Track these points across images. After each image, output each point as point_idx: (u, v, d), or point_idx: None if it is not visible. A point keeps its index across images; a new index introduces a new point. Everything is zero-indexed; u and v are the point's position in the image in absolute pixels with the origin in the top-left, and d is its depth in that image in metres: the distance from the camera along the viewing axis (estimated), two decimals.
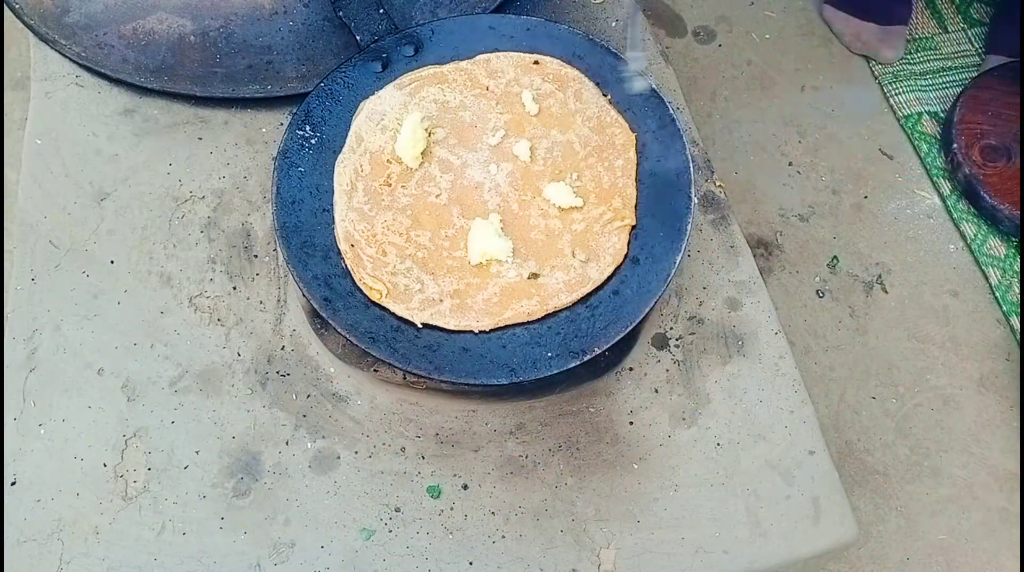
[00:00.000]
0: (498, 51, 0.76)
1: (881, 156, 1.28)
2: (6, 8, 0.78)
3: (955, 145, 1.22)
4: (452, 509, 0.66)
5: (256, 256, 0.73)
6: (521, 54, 0.75)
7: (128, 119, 0.77)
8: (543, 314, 0.66)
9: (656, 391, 0.71)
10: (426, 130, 0.71)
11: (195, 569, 0.62)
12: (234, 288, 0.72)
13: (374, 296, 0.65)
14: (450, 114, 0.73)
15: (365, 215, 0.68)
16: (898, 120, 1.30)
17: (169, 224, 0.73)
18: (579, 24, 0.86)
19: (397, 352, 0.63)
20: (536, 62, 0.75)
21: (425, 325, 0.65)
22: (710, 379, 0.72)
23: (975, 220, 1.22)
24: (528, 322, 0.66)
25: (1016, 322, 1.15)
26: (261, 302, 0.72)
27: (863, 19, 1.32)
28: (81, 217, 0.73)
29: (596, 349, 0.64)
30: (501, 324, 0.65)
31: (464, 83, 0.74)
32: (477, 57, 0.75)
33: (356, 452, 0.67)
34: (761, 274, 0.78)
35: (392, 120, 0.71)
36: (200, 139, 0.77)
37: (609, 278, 0.67)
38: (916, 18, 1.37)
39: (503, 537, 0.65)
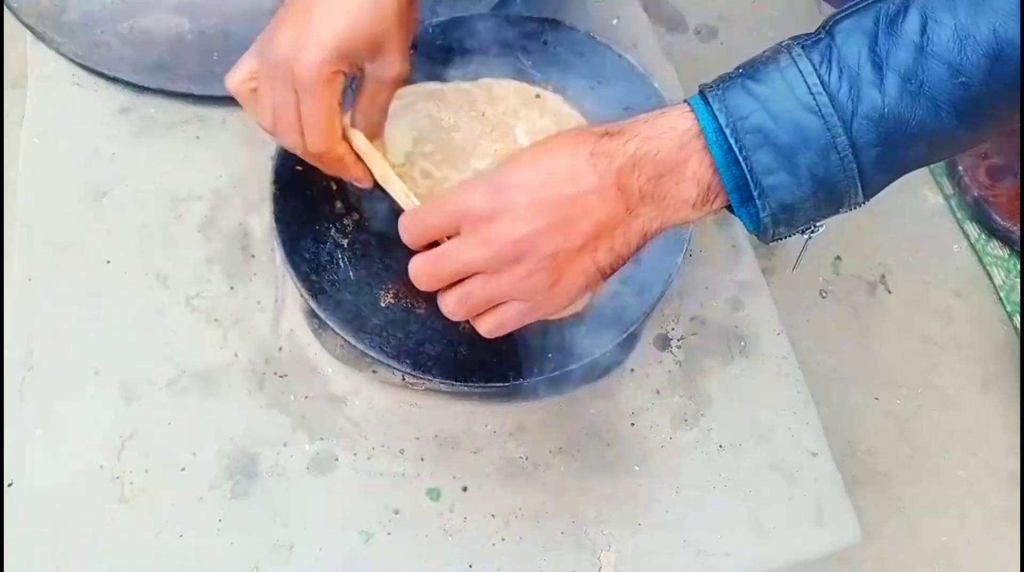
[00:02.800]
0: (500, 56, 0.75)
1: None
2: (4, 7, 0.78)
3: (960, 167, 1.20)
4: (452, 511, 0.65)
5: (254, 256, 0.73)
6: (525, 84, 0.75)
7: (126, 118, 0.77)
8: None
9: (657, 392, 0.71)
10: (412, 140, 0.70)
11: (193, 571, 0.62)
12: (231, 288, 0.71)
13: None
14: (441, 132, 0.72)
15: None
16: None
17: (167, 224, 0.73)
18: (579, 23, 0.85)
19: (396, 353, 0.63)
20: (538, 95, 0.74)
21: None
22: (712, 380, 0.72)
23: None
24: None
25: (1019, 322, 1.15)
26: (259, 302, 0.71)
27: None
28: (79, 216, 0.72)
29: (597, 349, 0.64)
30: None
31: (461, 104, 0.73)
32: (480, 80, 0.74)
33: (355, 454, 0.66)
34: (763, 274, 0.78)
35: None
36: (198, 138, 0.77)
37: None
38: None
39: (503, 539, 0.65)
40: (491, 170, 0.50)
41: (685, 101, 0.48)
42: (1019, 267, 1.18)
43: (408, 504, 0.65)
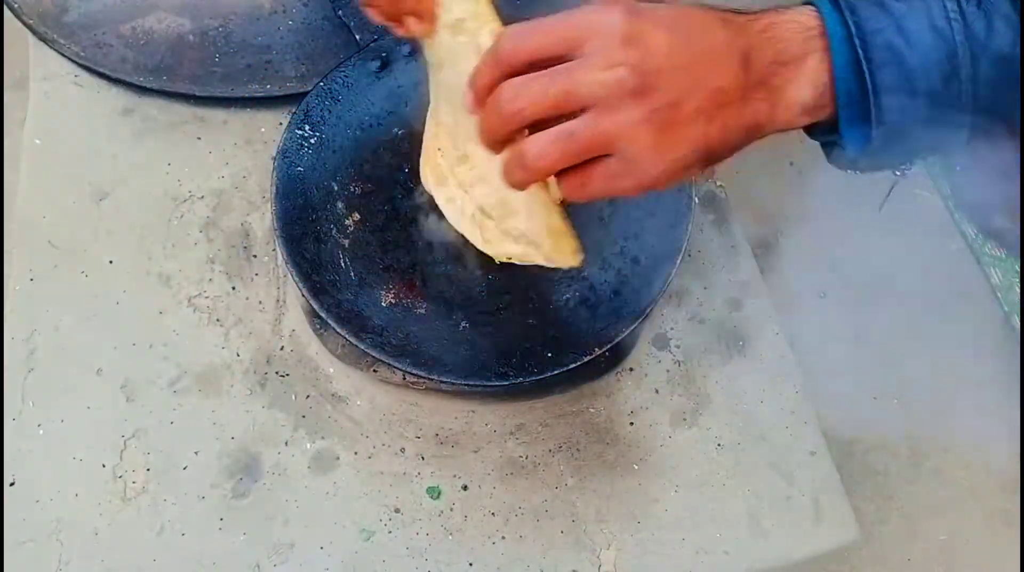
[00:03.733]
0: None
1: None
2: (5, 8, 0.78)
3: (957, 168, 1.20)
4: (452, 510, 0.65)
5: (255, 256, 0.73)
6: None
7: (127, 119, 0.77)
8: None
9: (657, 391, 0.71)
10: None
11: (194, 570, 0.62)
12: (233, 288, 0.72)
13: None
14: None
15: None
16: None
17: (168, 224, 0.73)
18: None
19: (397, 352, 0.63)
20: None
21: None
22: (711, 379, 0.72)
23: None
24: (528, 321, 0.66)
25: (1017, 322, 1.15)
26: (260, 302, 0.71)
27: None
28: (80, 217, 0.73)
29: (596, 349, 0.64)
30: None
31: None
32: None
33: (356, 453, 0.67)
34: (762, 274, 0.78)
35: None
36: (199, 139, 0.77)
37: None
38: None
39: (503, 538, 0.65)
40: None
41: (808, 2, 0.46)
42: (1016, 267, 1.18)
43: (409, 503, 0.65)
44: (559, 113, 0.43)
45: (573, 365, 0.64)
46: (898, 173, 0.49)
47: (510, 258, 0.61)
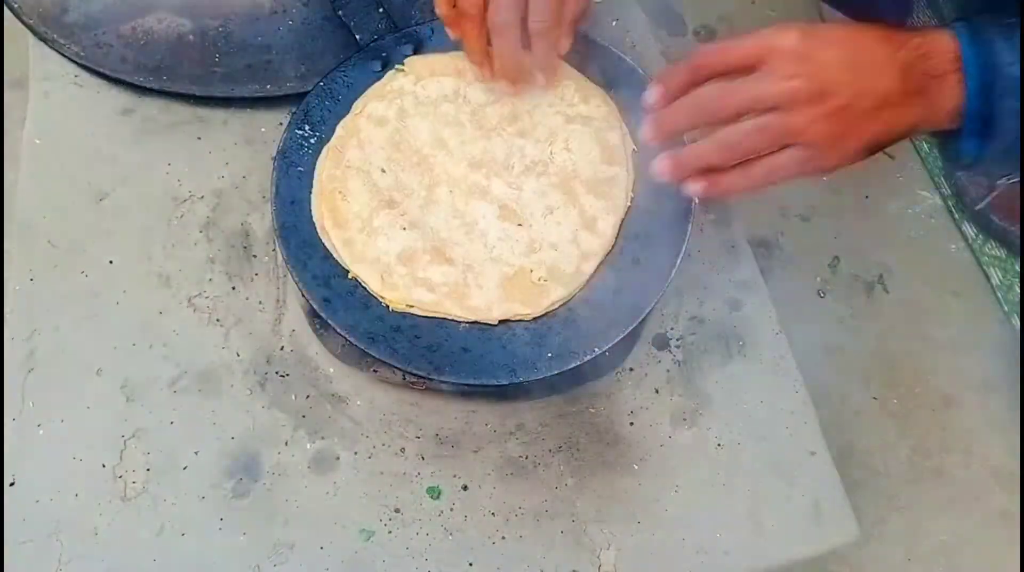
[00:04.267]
0: None
1: (882, 156, 1.28)
2: (5, 8, 0.78)
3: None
4: (452, 510, 0.65)
5: (255, 256, 0.73)
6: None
7: (127, 119, 0.77)
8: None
9: (657, 391, 0.71)
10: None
11: (194, 570, 0.62)
12: (233, 288, 0.72)
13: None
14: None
15: None
16: None
17: (168, 224, 0.73)
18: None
19: (397, 352, 0.63)
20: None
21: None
22: (711, 379, 0.72)
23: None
24: (529, 321, 0.66)
25: (1017, 322, 1.15)
26: (260, 302, 0.71)
27: (854, 19, 1.32)
28: (80, 217, 0.73)
29: (596, 349, 0.64)
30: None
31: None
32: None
33: (356, 453, 0.67)
34: (762, 274, 0.78)
35: None
36: (199, 139, 0.77)
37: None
38: (916, 17, 1.36)
39: (503, 538, 0.65)
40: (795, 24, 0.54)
41: (949, 26, 0.55)
42: (1016, 267, 1.18)
43: (409, 503, 0.65)
44: (745, 114, 0.53)
45: (573, 365, 0.64)
46: (1007, 179, 0.65)
47: (410, 306, 0.65)
